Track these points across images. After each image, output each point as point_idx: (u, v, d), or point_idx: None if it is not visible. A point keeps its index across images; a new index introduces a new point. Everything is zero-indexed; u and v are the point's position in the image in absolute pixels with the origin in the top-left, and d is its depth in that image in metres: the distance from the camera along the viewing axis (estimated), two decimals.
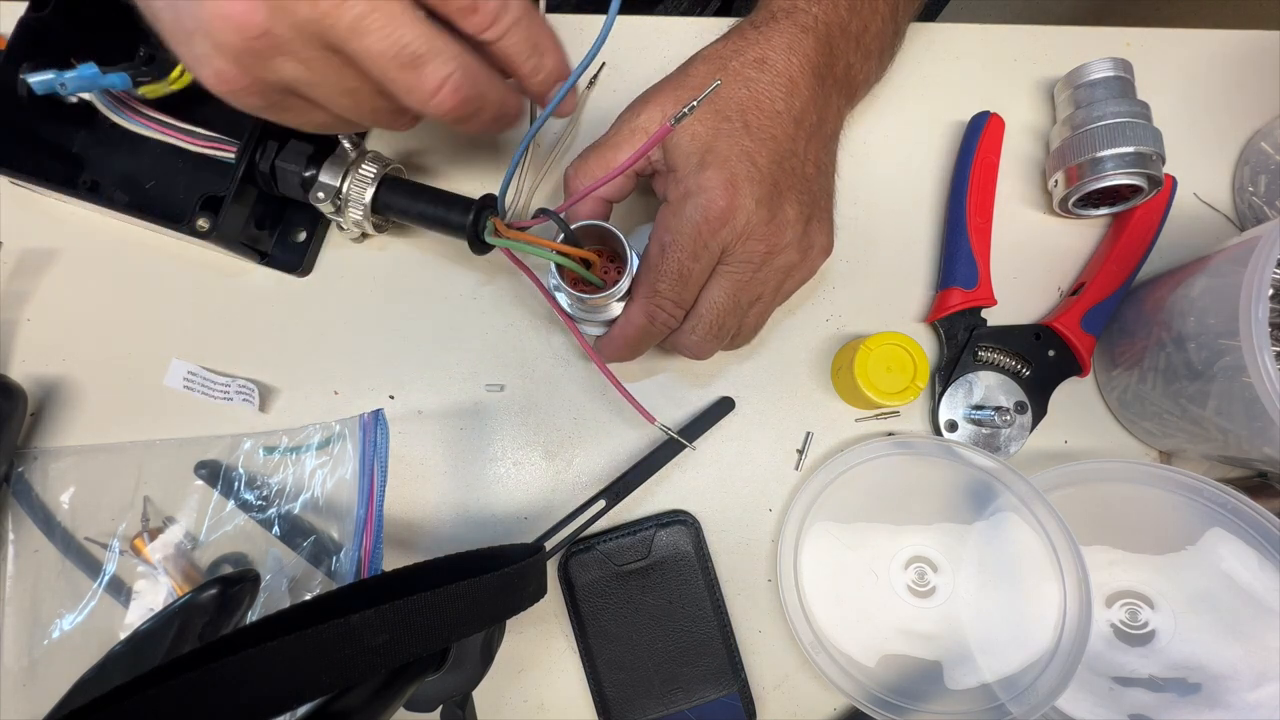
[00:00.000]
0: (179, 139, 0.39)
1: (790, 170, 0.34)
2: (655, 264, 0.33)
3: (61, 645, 0.38)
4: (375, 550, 0.37)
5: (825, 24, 0.35)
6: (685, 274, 0.33)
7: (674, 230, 0.33)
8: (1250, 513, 0.36)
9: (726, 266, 0.34)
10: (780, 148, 0.34)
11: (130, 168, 0.42)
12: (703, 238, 0.32)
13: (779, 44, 0.34)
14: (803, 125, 0.35)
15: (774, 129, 0.34)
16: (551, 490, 0.42)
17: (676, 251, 0.33)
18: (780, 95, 0.34)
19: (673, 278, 0.33)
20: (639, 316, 0.34)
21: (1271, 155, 0.44)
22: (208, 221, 0.37)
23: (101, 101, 0.38)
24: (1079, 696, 0.37)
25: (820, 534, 0.40)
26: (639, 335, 0.35)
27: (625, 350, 0.36)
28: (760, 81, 0.34)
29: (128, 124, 0.38)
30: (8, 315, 0.42)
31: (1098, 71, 0.42)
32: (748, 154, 0.33)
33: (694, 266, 0.33)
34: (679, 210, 0.33)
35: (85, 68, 0.35)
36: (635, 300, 0.34)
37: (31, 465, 0.40)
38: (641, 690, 0.39)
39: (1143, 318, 0.40)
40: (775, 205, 0.33)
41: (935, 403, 0.42)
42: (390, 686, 0.25)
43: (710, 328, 0.35)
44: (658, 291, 0.33)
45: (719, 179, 0.32)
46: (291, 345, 0.42)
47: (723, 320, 0.34)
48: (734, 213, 0.32)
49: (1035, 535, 0.38)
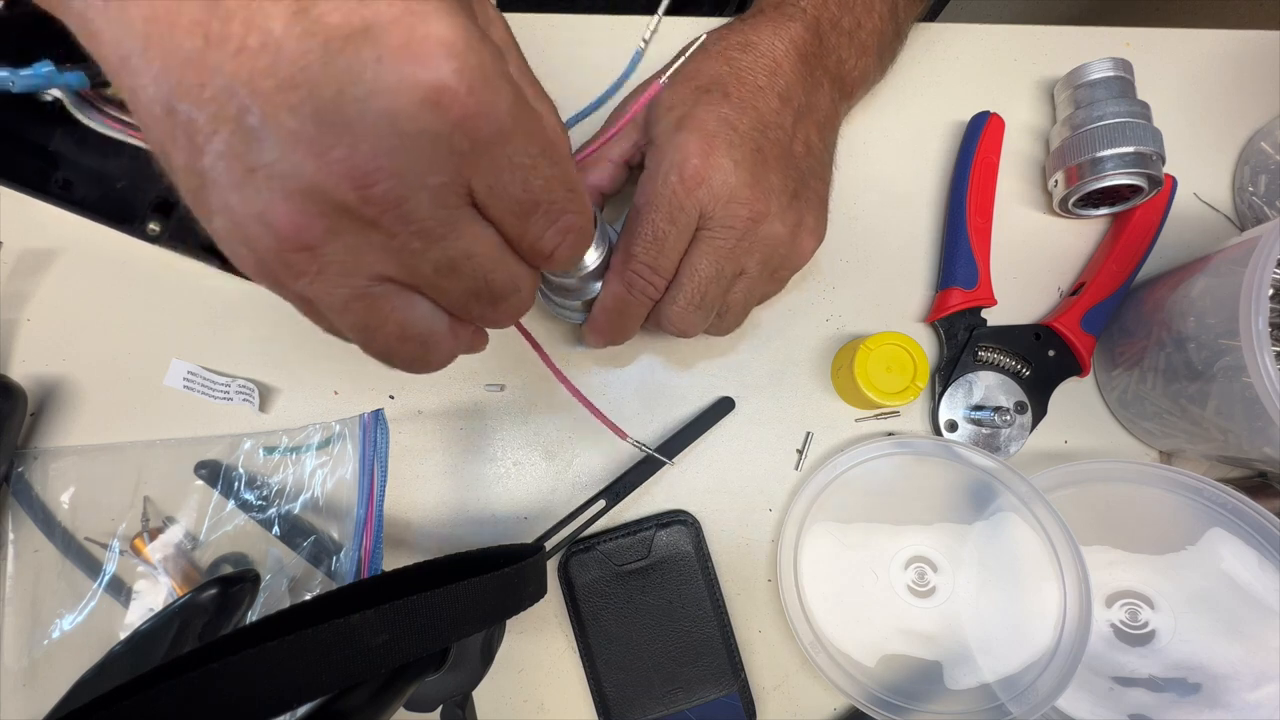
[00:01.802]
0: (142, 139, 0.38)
1: (775, 141, 0.33)
2: (631, 228, 0.32)
3: (61, 645, 0.38)
4: (375, 550, 0.37)
5: (815, 16, 0.35)
6: (661, 237, 0.32)
7: (649, 193, 0.32)
8: (1250, 513, 0.36)
9: (707, 232, 0.32)
10: (762, 118, 0.33)
11: (103, 168, 0.41)
12: (678, 198, 0.31)
13: (764, 30, 0.35)
14: (789, 103, 0.34)
15: (755, 100, 0.33)
16: (551, 490, 0.42)
17: (651, 213, 0.32)
18: (763, 72, 0.34)
19: (648, 241, 0.32)
20: (617, 286, 0.33)
21: (1271, 155, 0.44)
22: (158, 225, 0.36)
23: (69, 100, 0.37)
24: (1079, 696, 0.37)
25: (820, 534, 0.40)
26: (618, 306, 0.34)
27: (608, 326, 0.35)
28: (742, 60, 0.34)
29: (94, 124, 0.38)
30: (8, 315, 0.42)
31: (1098, 71, 0.42)
32: (726, 119, 0.32)
33: (670, 229, 0.32)
34: (655, 173, 0.32)
35: (40, 65, 0.34)
36: (613, 270, 0.33)
37: (31, 465, 0.40)
38: (641, 690, 0.39)
39: (1143, 318, 0.40)
40: (757, 170, 0.32)
41: (935, 403, 0.42)
42: (390, 686, 0.25)
43: (692, 297, 0.33)
44: (633, 256, 0.32)
45: (695, 140, 0.32)
46: (291, 345, 0.42)
47: (705, 289, 0.33)
48: (710, 172, 0.31)
49: (1035, 535, 0.38)
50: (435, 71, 0.17)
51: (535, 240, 0.22)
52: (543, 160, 0.20)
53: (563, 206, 0.22)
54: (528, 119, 0.20)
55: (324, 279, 0.20)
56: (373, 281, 0.20)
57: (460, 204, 0.20)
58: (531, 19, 0.45)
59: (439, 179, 0.19)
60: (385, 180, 0.18)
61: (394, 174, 0.18)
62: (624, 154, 0.37)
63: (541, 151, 0.20)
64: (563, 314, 0.37)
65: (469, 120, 0.18)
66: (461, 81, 0.18)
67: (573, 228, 0.23)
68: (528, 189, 0.21)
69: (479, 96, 0.18)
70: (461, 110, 0.18)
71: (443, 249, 0.20)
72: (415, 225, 0.19)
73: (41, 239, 0.42)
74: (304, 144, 0.17)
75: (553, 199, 0.21)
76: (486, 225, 0.21)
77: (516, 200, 0.21)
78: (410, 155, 0.18)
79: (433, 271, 0.21)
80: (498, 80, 0.18)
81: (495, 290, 0.23)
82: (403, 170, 0.18)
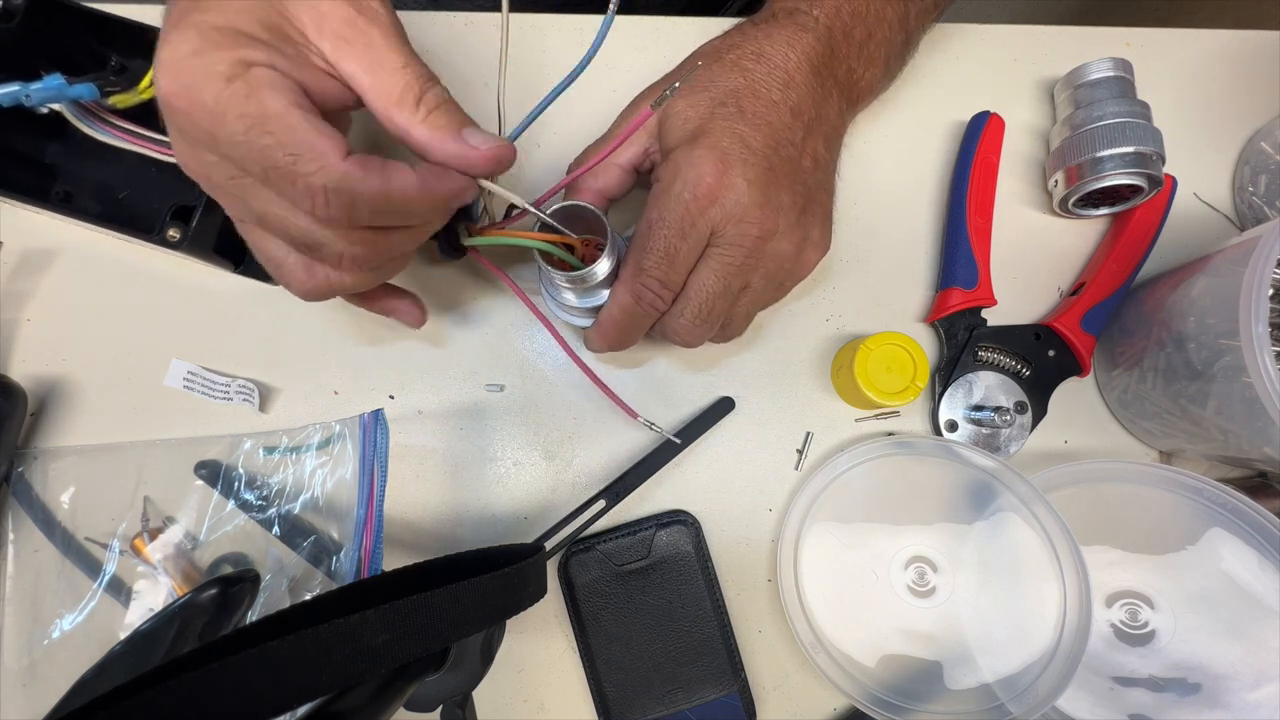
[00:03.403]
0: (149, 148, 0.38)
1: (786, 158, 0.34)
2: (642, 242, 0.33)
3: (61, 645, 0.38)
4: (375, 550, 0.37)
5: (827, 26, 0.35)
6: (672, 252, 0.32)
7: (662, 207, 0.32)
8: (1250, 513, 0.36)
9: (717, 249, 0.33)
10: (776, 135, 0.33)
11: (104, 178, 0.42)
12: (691, 215, 0.32)
13: (778, 39, 0.34)
14: (800, 117, 0.34)
15: (769, 116, 0.33)
16: (551, 490, 0.42)
17: (663, 229, 0.32)
18: (777, 85, 0.34)
19: (659, 255, 0.32)
20: (625, 297, 0.33)
21: (1271, 155, 0.44)
22: (179, 232, 0.37)
23: (71, 112, 0.37)
24: (1079, 696, 0.37)
25: (820, 534, 0.40)
26: (625, 317, 0.34)
27: (614, 334, 0.35)
28: (756, 72, 0.34)
29: (97, 134, 0.38)
30: (8, 315, 0.42)
31: (1098, 71, 0.42)
32: (740, 136, 0.32)
33: (681, 245, 0.32)
34: (668, 188, 0.32)
35: (51, 79, 0.35)
36: (621, 280, 0.34)
37: (31, 465, 0.40)
38: (641, 690, 0.39)
39: (1143, 318, 0.40)
40: (769, 189, 0.32)
41: (935, 403, 0.42)
42: (390, 686, 0.25)
43: (698, 312, 0.34)
44: (643, 270, 0.32)
45: (710, 157, 0.32)
46: (291, 345, 0.42)
47: (712, 304, 0.34)
48: (724, 190, 0.32)
49: (1035, 535, 0.38)
50: (160, 83, 0.25)
51: (295, 199, 0.26)
52: (255, 133, 0.25)
53: (290, 170, 0.25)
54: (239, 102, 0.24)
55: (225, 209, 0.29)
56: (240, 219, 0.30)
57: (240, 174, 0.26)
58: (532, 19, 0.45)
59: (210, 155, 0.26)
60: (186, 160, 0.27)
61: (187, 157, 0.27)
62: (632, 160, 0.37)
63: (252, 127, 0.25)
64: (567, 318, 0.37)
65: (187, 114, 0.25)
66: (173, 86, 0.25)
67: (312, 188, 0.26)
68: (252, 158, 0.25)
69: (187, 96, 0.25)
70: (178, 106, 0.25)
71: (248, 206, 0.27)
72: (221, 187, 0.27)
73: (42, 239, 0.42)
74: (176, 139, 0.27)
75: (275, 163, 0.25)
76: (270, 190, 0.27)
77: (254, 167, 0.26)
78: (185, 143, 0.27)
79: (257, 221, 0.29)
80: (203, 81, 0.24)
81: (301, 239, 0.28)
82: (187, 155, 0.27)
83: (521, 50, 0.45)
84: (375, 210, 0.27)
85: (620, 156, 0.36)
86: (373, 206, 0.27)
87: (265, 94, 0.25)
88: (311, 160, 0.25)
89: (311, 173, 0.25)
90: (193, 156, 0.27)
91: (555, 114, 0.33)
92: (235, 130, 0.25)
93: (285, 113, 0.25)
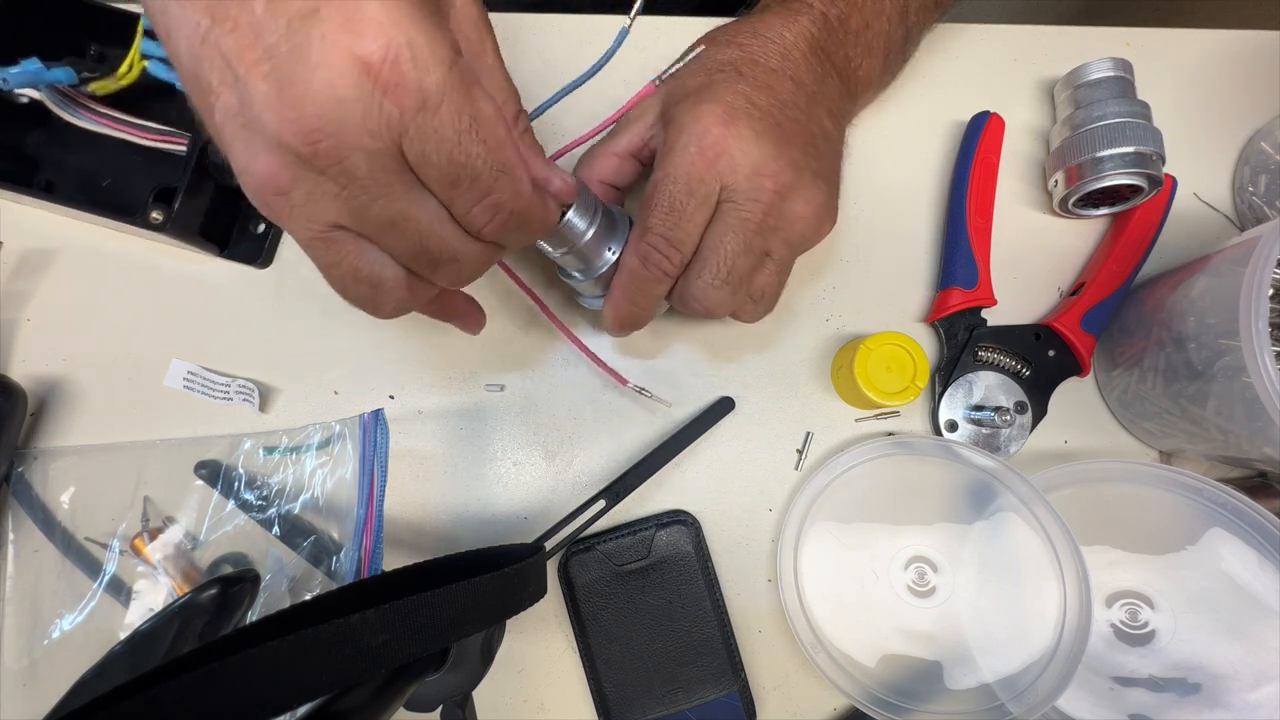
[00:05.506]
0: (130, 134, 0.38)
1: (793, 119, 0.32)
2: (646, 202, 0.31)
3: (61, 645, 0.38)
4: (375, 550, 0.37)
5: (823, 12, 0.35)
6: (678, 208, 0.31)
7: (667, 165, 0.31)
8: (1250, 513, 0.36)
9: (732, 204, 0.31)
10: (779, 98, 0.32)
11: (86, 165, 0.42)
12: (697, 170, 0.30)
13: (773, 21, 0.35)
14: (802, 87, 0.34)
15: (770, 81, 0.33)
16: (551, 490, 0.42)
17: (668, 184, 0.31)
18: (775, 56, 0.34)
19: (664, 212, 0.31)
20: (631, 260, 0.32)
21: (1271, 155, 0.44)
22: (161, 214, 0.37)
23: (51, 99, 0.37)
24: (1079, 696, 0.37)
25: (820, 534, 0.40)
26: (633, 282, 0.33)
27: (624, 304, 0.34)
28: (753, 45, 0.34)
29: (78, 121, 0.38)
30: (8, 315, 0.42)
31: (1098, 71, 0.42)
32: (744, 94, 0.32)
33: (689, 201, 0.31)
34: (672, 147, 0.31)
35: (28, 63, 0.35)
36: (628, 245, 0.33)
37: (31, 465, 0.40)
38: (641, 690, 0.39)
39: (1143, 318, 0.40)
40: (781, 143, 0.31)
41: (935, 403, 0.42)
42: (390, 686, 0.25)
43: (717, 272, 0.32)
44: (649, 229, 0.31)
45: (714, 110, 0.31)
46: (291, 345, 0.42)
47: (732, 263, 0.32)
48: (730, 141, 0.30)
49: (1035, 535, 0.38)
50: (364, 45, 0.20)
51: (464, 214, 0.24)
52: (469, 136, 0.22)
53: (488, 185, 0.23)
54: (458, 97, 0.21)
55: (294, 219, 0.23)
56: (329, 227, 0.23)
57: (397, 168, 0.22)
58: (531, 19, 0.45)
59: (373, 142, 0.21)
60: (325, 139, 0.21)
61: (332, 134, 0.21)
62: (631, 146, 0.36)
63: (469, 128, 0.22)
64: (585, 301, 0.37)
65: (393, 90, 0.20)
66: (387, 54, 0.20)
67: (500, 207, 0.24)
68: (453, 161, 0.22)
69: (403, 69, 0.20)
70: (386, 80, 0.20)
71: (382, 207, 0.23)
72: (357, 182, 0.22)
73: (42, 239, 0.42)
74: (271, 106, 0.20)
75: (476, 174, 0.23)
76: (426, 194, 0.24)
77: (442, 171, 0.22)
78: (345, 118, 0.21)
79: (376, 226, 0.24)
80: (427, 58, 0.21)
81: (431, 254, 0.25)
82: (338, 131, 0.21)
83: (522, 50, 0.45)
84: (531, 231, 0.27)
85: (619, 144, 0.36)
86: (533, 230, 0.26)
87: (479, 93, 0.22)
88: (513, 181, 0.24)
89: (507, 192, 0.24)
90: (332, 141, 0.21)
91: (556, 114, 0.33)
92: (444, 124, 0.21)
93: (495, 121, 0.23)
